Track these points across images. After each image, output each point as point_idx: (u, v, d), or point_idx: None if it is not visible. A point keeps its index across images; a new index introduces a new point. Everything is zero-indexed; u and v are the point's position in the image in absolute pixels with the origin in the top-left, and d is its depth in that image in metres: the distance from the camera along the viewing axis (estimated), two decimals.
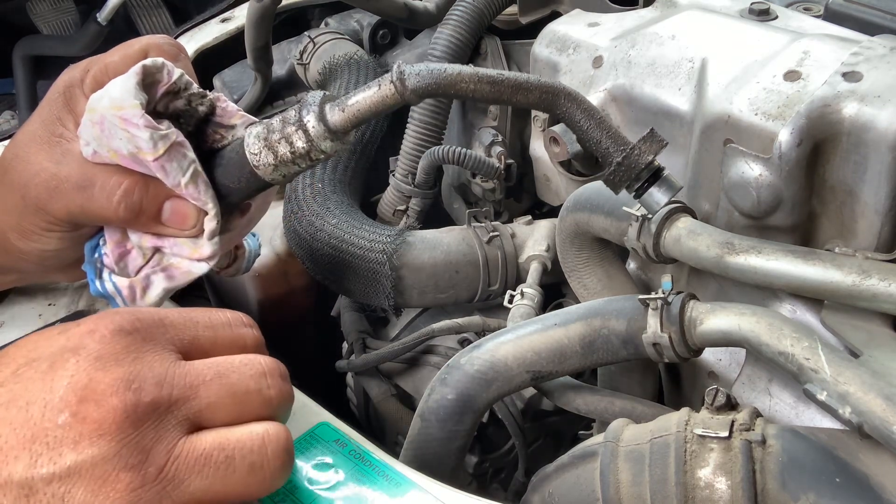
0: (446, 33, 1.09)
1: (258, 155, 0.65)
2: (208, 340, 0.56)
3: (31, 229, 0.70)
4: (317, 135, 0.64)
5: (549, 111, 0.67)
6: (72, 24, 2.84)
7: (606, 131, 0.67)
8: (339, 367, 1.06)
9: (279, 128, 0.65)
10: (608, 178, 0.67)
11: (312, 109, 0.64)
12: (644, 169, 0.67)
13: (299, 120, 0.64)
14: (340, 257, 0.98)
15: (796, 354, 0.64)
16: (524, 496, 0.72)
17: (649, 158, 0.66)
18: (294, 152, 0.65)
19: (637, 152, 0.66)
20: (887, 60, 0.75)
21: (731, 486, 0.59)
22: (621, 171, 0.67)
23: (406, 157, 1.10)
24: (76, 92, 0.69)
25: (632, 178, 0.67)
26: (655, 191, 0.68)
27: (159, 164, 0.65)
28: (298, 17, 1.43)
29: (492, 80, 0.64)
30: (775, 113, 0.75)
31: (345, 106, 0.64)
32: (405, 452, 0.78)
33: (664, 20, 0.93)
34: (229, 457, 0.51)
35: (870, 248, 0.74)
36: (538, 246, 1.01)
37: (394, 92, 0.64)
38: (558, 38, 1.00)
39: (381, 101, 0.64)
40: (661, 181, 0.68)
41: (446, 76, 0.63)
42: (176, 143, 0.65)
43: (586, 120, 0.66)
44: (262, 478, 0.52)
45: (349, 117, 0.64)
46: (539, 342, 0.76)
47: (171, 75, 0.67)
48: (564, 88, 0.66)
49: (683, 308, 0.71)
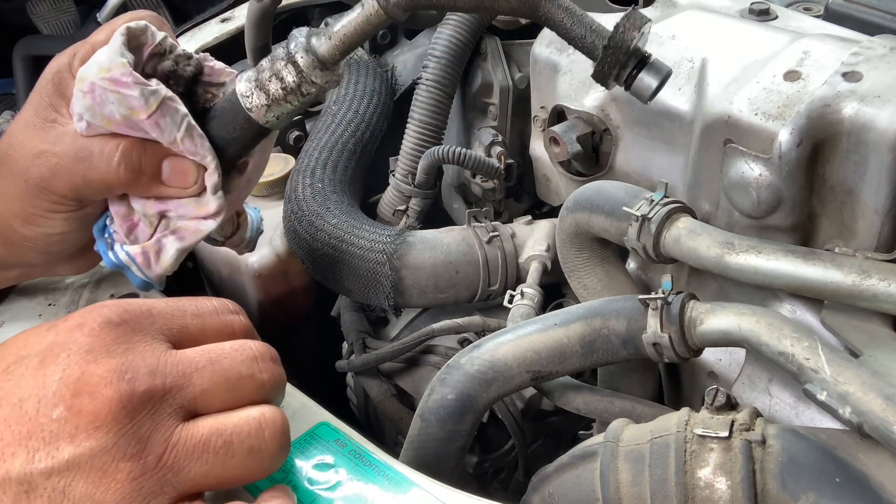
0: (446, 33, 1.09)
1: (250, 97, 0.65)
2: (197, 328, 0.56)
3: (35, 213, 0.71)
4: (306, 65, 0.64)
5: (531, 16, 0.66)
6: (72, 24, 2.84)
7: (590, 26, 0.66)
8: (339, 367, 1.06)
9: (268, 66, 0.65)
10: (597, 71, 0.67)
11: (300, 41, 0.64)
12: (631, 54, 0.66)
13: (288, 54, 0.64)
14: (340, 257, 0.98)
15: (796, 354, 0.64)
16: (524, 496, 0.72)
17: (634, 35, 0.65)
18: (285, 88, 0.65)
19: (620, 31, 0.65)
20: (887, 60, 0.75)
21: (731, 486, 0.59)
22: (609, 56, 0.66)
23: (406, 157, 1.10)
24: (65, 76, 0.70)
25: (620, 61, 0.66)
26: (644, 76, 0.67)
27: (153, 121, 0.65)
28: (298, 17, 1.43)
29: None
30: (775, 113, 0.75)
31: (331, 33, 0.64)
32: (405, 452, 0.78)
33: (664, 20, 0.93)
34: (227, 441, 0.51)
35: (870, 248, 0.74)
36: (538, 246, 1.01)
37: (377, 9, 0.63)
38: (558, 38, 1.00)
39: (365, 20, 0.64)
40: (649, 66, 0.67)
41: None
42: (167, 97, 0.65)
43: (568, 18, 0.66)
44: (261, 460, 0.53)
45: (336, 44, 0.64)
46: (539, 342, 0.76)
47: (155, 37, 0.68)
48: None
49: (683, 308, 0.71)
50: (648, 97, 0.69)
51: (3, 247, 0.75)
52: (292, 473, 0.63)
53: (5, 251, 0.75)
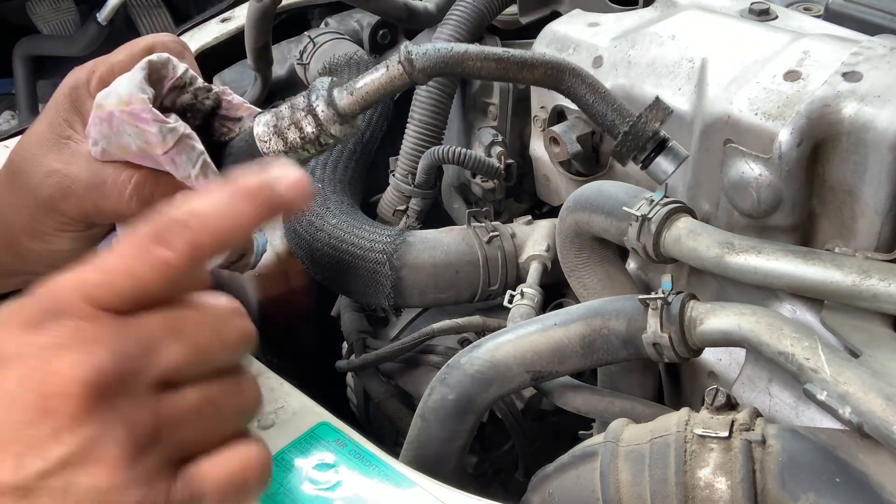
0: (446, 33, 1.09)
1: (268, 142, 0.66)
2: (139, 287, 0.51)
3: (43, 230, 0.71)
4: (326, 119, 0.65)
5: (555, 87, 0.68)
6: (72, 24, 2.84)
7: (611, 104, 0.68)
8: (339, 367, 1.06)
9: (288, 114, 0.66)
10: (615, 150, 0.68)
11: (321, 94, 0.65)
12: (650, 138, 0.67)
13: (309, 105, 0.65)
14: (340, 257, 0.98)
15: (796, 354, 0.64)
16: (524, 496, 0.72)
17: (655, 126, 0.67)
18: (304, 137, 0.66)
19: (643, 121, 0.67)
20: (887, 60, 0.75)
21: (731, 486, 0.59)
22: (628, 140, 0.67)
23: (406, 157, 1.10)
24: (82, 93, 0.70)
25: (638, 147, 0.68)
26: (662, 160, 0.69)
27: (169, 157, 0.65)
28: (298, 17, 1.43)
29: (497, 58, 0.65)
30: (775, 113, 0.75)
31: (353, 89, 0.65)
32: (405, 452, 0.78)
33: (664, 20, 0.93)
34: (218, 405, 0.50)
35: (870, 248, 0.74)
36: (538, 246, 1.01)
37: (402, 72, 0.64)
38: (558, 38, 1.00)
39: (389, 82, 0.65)
40: (668, 150, 0.69)
41: (453, 55, 0.64)
42: (184, 135, 0.65)
43: (591, 94, 0.67)
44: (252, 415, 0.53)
45: (358, 100, 0.65)
46: (539, 342, 0.76)
47: (176, 70, 0.68)
48: (569, 64, 0.67)
49: (683, 308, 0.71)
50: (663, 181, 0.71)
51: (10, 256, 0.74)
52: (292, 473, 0.64)
53: (11, 260, 0.75)
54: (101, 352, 0.47)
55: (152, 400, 0.48)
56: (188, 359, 0.50)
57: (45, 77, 2.71)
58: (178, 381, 0.50)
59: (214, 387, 0.51)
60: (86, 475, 0.46)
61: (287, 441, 0.69)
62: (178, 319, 0.50)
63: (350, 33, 1.29)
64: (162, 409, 0.48)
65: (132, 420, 0.47)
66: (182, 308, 0.51)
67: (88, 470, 0.46)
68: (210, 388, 0.50)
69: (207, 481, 0.49)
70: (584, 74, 0.67)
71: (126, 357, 0.48)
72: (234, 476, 0.50)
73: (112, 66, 0.69)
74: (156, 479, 0.48)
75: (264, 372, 0.77)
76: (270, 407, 0.72)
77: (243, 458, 0.51)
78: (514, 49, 0.66)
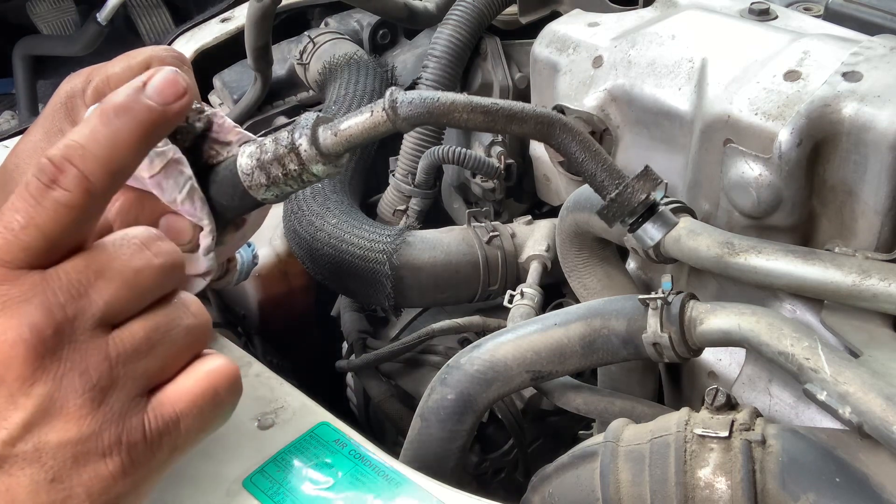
0: (446, 33, 1.09)
1: (250, 175, 0.66)
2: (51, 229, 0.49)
3: None
4: (308, 158, 0.64)
5: (545, 141, 0.67)
6: (72, 24, 2.84)
7: (601, 164, 0.67)
8: (339, 367, 1.06)
9: (272, 149, 0.65)
10: (602, 212, 0.68)
11: (305, 132, 0.64)
12: (639, 205, 0.67)
13: (291, 143, 0.64)
14: (340, 257, 0.98)
15: (796, 354, 0.64)
16: (524, 496, 0.72)
17: (642, 197, 0.66)
18: (286, 174, 0.65)
19: (630, 190, 0.66)
20: (887, 60, 0.75)
21: (731, 486, 0.59)
22: (615, 206, 0.67)
23: (406, 157, 1.10)
24: (77, 102, 0.69)
25: (626, 213, 0.67)
26: (650, 226, 0.69)
27: (155, 180, 0.65)
28: (298, 17, 1.43)
29: (485, 110, 0.64)
30: (775, 113, 0.75)
31: (337, 130, 0.64)
32: (405, 452, 0.78)
33: (664, 20, 0.93)
34: (166, 329, 0.50)
35: (870, 248, 0.74)
36: (538, 246, 1.01)
37: (385, 119, 0.64)
38: (558, 38, 1.00)
39: (372, 127, 0.64)
40: (657, 216, 0.69)
41: (439, 105, 0.63)
42: (173, 159, 0.65)
43: (581, 152, 0.66)
44: (202, 333, 0.52)
45: (341, 141, 0.64)
46: (539, 342, 0.76)
47: None
48: (560, 119, 0.66)
49: (683, 308, 0.71)
50: (649, 247, 0.71)
51: None
52: (292, 473, 0.64)
53: None
54: (30, 309, 0.46)
55: (99, 342, 0.48)
56: (121, 293, 0.49)
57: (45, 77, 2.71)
58: (120, 317, 0.49)
59: (158, 314, 0.50)
60: (53, 431, 0.46)
61: (287, 441, 0.69)
62: (99, 257, 0.49)
63: (350, 33, 1.30)
64: (111, 347, 0.48)
65: (83, 366, 0.47)
66: (101, 246, 0.50)
67: (54, 426, 0.46)
68: (154, 316, 0.50)
69: (179, 402, 0.49)
70: (575, 130, 0.66)
71: (58, 307, 0.47)
72: (204, 390, 0.50)
73: (108, 77, 0.68)
74: (126, 416, 0.48)
75: (264, 372, 0.77)
76: (270, 407, 0.73)
77: (209, 372, 0.51)
78: (502, 101, 0.65)
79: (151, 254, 0.51)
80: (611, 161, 0.67)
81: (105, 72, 0.69)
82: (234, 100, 1.32)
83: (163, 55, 0.69)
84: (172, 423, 0.49)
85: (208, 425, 0.51)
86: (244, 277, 0.83)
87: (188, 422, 0.50)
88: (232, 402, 0.52)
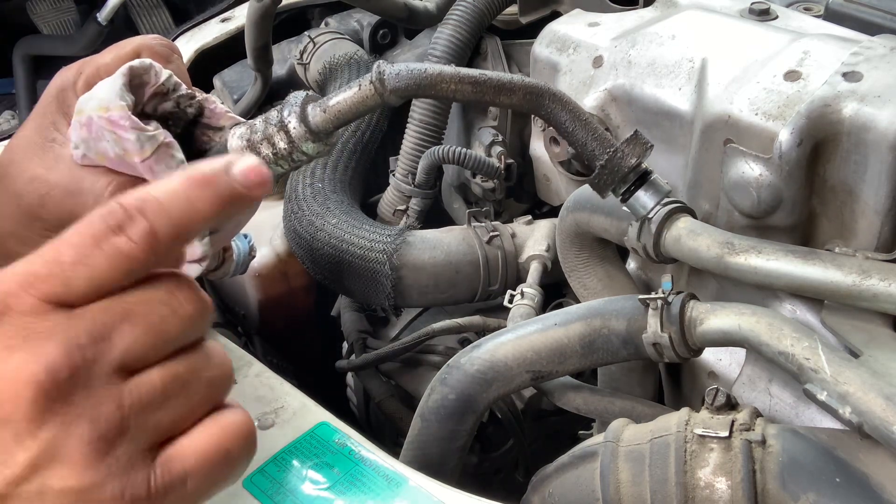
0: (446, 33, 1.09)
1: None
2: (85, 277, 0.48)
3: (28, 235, 0.70)
4: (298, 136, 0.63)
5: (534, 112, 0.66)
6: (72, 24, 2.84)
7: (592, 133, 0.65)
8: (339, 367, 1.06)
9: (261, 129, 0.65)
10: (593, 181, 0.67)
11: (294, 110, 0.63)
12: (630, 172, 0.66)
13: (280, 121, 0.64)
14: (340, 257, 0.98)
15: (796, 354, 0.64)
16: (524, 496, 0.72)
17: (632, 162, 0.65)
18: (276, 153, 0.64)
19: (620, 155, 0.65)
20: (887, 60, 0.75)
21: (731, 486, 0.59)
22: (605, 173, 0.66)
23: (406, 157, 1.10)
24: (69, 94, 0.69)
25: (616, 180, 0.66)
26: (642, 194, 0.67)
27: (147, 165, 0.65)
28: (298, 17, 1.43)
29: (474, 81, 0.63)
30: (775, 113, 0.75)
31: (326, 106, 0.63)
32: (405, 452, 0.78)
33: (664, 20, 0.93)
34: (185, 381, 0.48)
35: (870, 248, 0.74)
36: (538, 246, 1.01)
37: (374, 92, 0.63)
38: (558, 38, 1.00)
39: (361, 101, 0.63)
40: (648, 184, 0.67)
41: (426, 76, 0.62)
42: (163, 144, 0.65)
43: (571, 121, 0.65)
44: (224, 385, 0.50)
45: (330, 118, 0.63)
46: (539, 342, 0.76)
47: (158, 77, 0.67)
48: (549, 89, 0.65)
49: (683, 308, 0.71)
50: (642, 216, 0.69)
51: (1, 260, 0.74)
52: (292, 473, 0.64)
53: (3, 264, 0.75)
54: (50, 348, 0.45)
55: (114, 389, 0.46)
56: (144, 340, 0.47)
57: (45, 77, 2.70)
58: (139, 365, 0.47)
59: (179, 364, 0.48)
60: (56, 477, 0.45)
61: (287, 441, 0.69)
62: (128, 302, 0.48)
63: (350, 33, 1.30)
64: (125, 396, 0.46)
65: (94, 413, 0.45)
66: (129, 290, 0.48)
67: (57, 472, 0.45)
68: (175, 366, 0.48)
69: (188, 459, 0.47)
70: (564, 100, 0.65)
71: (77, 349, 0.45)
72: (216, 447, 0.48)
73: (98, 67, 0.68)
74: (132, 469, 0.46)
75: (264, 372, 0.77)
76: (270, 407, 0.72)
77: (223, 427, 0.49)
78: (491, 72, 0.63)
79: (179, 301, 0.49)
80: (601, 129, 0.66)
81: (95, 63, 0.69)
82: (235, 100, 1.31)
83: (152, 44, 0.68)
84: (179, 481, 0.47)
85: (217, 485, 0.49)
86: (242, 270, 0.82)
87: (196, 480, 0.48)
88: (244, 462, 0.50)
